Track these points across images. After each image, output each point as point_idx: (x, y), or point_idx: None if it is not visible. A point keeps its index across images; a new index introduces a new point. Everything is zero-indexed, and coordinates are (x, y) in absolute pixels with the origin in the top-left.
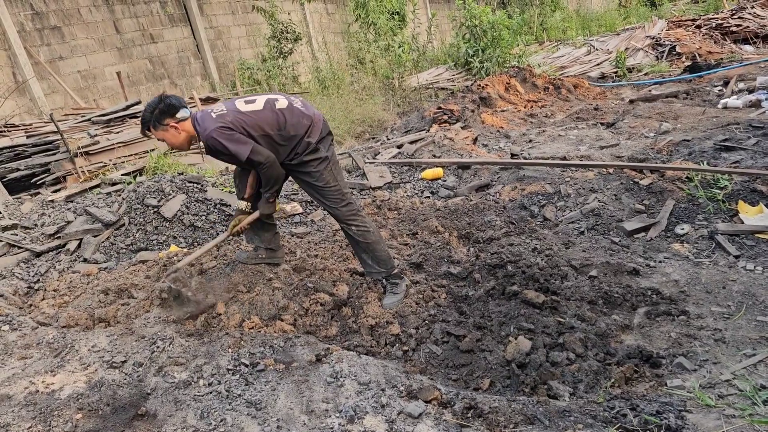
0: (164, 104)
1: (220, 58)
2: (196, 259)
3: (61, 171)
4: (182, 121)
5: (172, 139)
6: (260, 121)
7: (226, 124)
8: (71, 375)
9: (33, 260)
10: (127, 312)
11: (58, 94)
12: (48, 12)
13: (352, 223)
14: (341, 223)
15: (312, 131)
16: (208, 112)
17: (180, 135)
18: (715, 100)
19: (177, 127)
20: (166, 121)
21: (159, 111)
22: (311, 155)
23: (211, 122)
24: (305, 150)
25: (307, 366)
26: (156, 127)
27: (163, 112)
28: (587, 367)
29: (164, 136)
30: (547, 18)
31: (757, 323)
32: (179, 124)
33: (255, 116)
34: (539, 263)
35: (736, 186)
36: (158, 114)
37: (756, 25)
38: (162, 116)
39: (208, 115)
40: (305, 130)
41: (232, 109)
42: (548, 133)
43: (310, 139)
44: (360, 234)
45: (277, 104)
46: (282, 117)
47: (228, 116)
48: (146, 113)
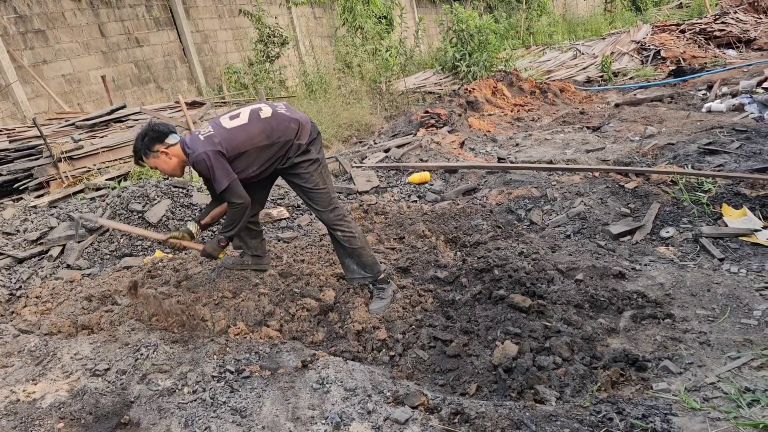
0: (153, 131)
1: (207, 62)
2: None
3: (44, 176)
4: (172, 146)
5: (163, 165)
6: (248, 134)
7: (215, 147)
8: (53, 383)
9: (15, 267)
10: (110, 319)
11: (42, 98)
12: (32, 15)
13: (338, 228)
14: (328, 227)
15: (301, 134)
16: (197, 135)
17: (171, 160)
18: (699, 104)
19: (167, 152)
20: (155, 147)
21: (149, 138)
22: (302, 156)
23: (199, 144)
24: (296, 152)
25: (293, 372)
26: (147, 155)
27: (152, 139)
28: (574, 371)
29: (156, 163)
30: (534, 22)
31: (741, 326)
32: (169, 150)
33: (242, 131)
34: (526, 267)
35: (720, 189)
36: (148, 141)
37: (739, 29)
38: (152, 143)
39: (196, 138)
40: (294, 134)
41: (218, 129)
42: (535, 137)
43: (300, 141)
44: (346, 239)
45: (262, 113)
46: (269, 125)
47: (215, 138)
48: (137, 142)
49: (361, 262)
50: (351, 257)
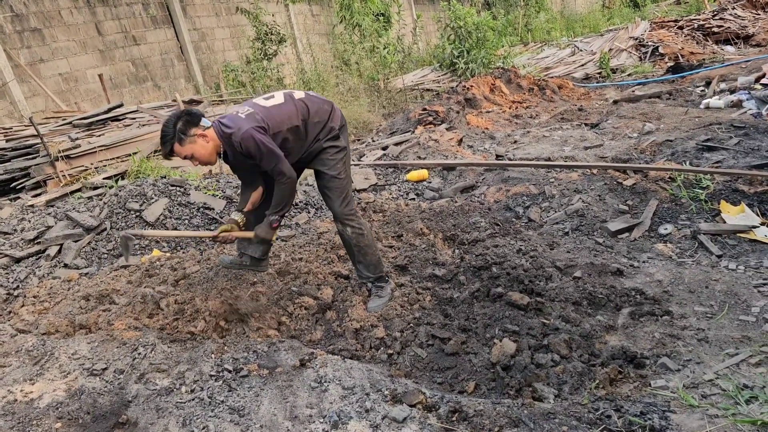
0: (187, 114)
1: (204, 60)
2: (165, 237)
3: (41, 175)
4: (207, 129)
5: (201, 150)
6: (286, 113)
7: (259, 123)
8: (51, 383)
9: (12, 266)
10: (108, 318)
11: (38, 97)
12: (28, 14)
13: (348, 223)
14: (338, 221)
15: (333, 117)
16: (235, 114)
17: (208, 144)
18: (697, 100)
19: (205, 135)
20: (192, 131)
21: (183, 123)
22: (332, 142)
23: (243, 122)
24: (327, 135)
25: (291, 371)
26: (183, 142)
27: (187, 122)
28: (572, 369)
29: (193, 149)
30: (532, 19)
31: (740, 322)
32: (206, 132)
33: (280, 110)
34: (524, 265)
35: (718, 186)
36: (183, 126)
37: (737, 26)
38: (187, 127)
39: (235, 117)
40: (328, 116)
41: (258, 108)
42: (533, 134)
43: (333, 125)
44: (354, 236)
45: (296, 95)
46: (304, 106)
47: (257, 115)
48: (168, 130)
49: (365, 261)
50: (356, 255)
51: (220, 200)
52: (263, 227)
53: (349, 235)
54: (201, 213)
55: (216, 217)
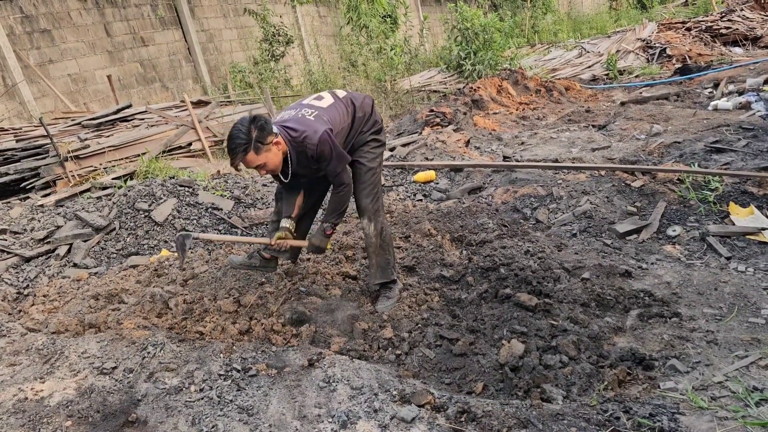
0: (262, 120)
1: (212, 62)
2: (220, 241)
3: (51, 175)
4: (278, 136)
5: (275, 159)
6: (340, 113)
7: (328, 125)
8: (61, 382)
9: (22, 265)
10: (117, 317)
11: (48, 97)
12: (38, 15)
13: (373, 219)
14: (365, 217)
15: (375, 111)
16: (300, 117)
17: (280, 152)
18: (705, 102)
19: (279, 142)
20: (269, 139)
21: (259, 129)
22: (375, 135)
23: (315, 124)
24: (371, 128)
25: (299, 371)
26: (259, 150)
27: (263, 128)
28: (580, 370)
29: (267, 158)
30: (539, 20)
31: (749, 324)
32: (279, 139)
33: (336, 110)
34: (532, 266)
35: (727, 188)
36: (259, 133)
37: (745, 27)
38: (264, 134)
39: (302, 119)
40: (371, 109)
41: (319, 109)
42: (540, 136)
43: (377, 118)
44: (375, 234)
45: (339, 94)
46: (351, 102)
47: (324, 117)
48: (240, 139)
49: (375, 261)
50: (371, 254)
51: (228, 200)
52: (318, 236)
53: (370, 232)
54: (209, 213)
55: (224, 217)
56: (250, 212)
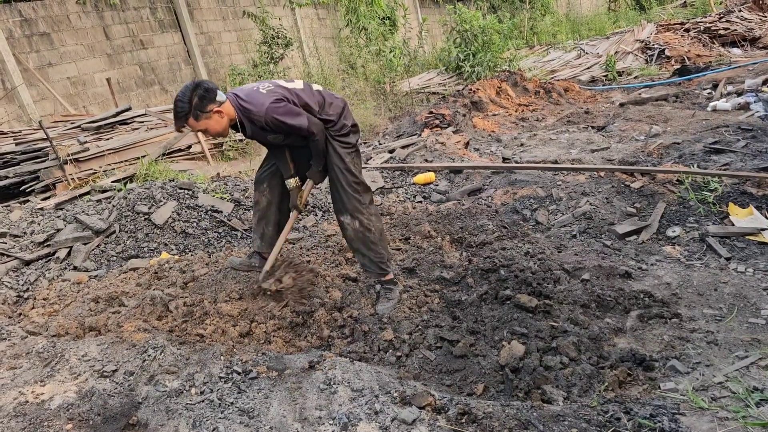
0: (203, 89)
1: (211, 64)
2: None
3: (50, 178)
4: (223, 104)
5: (216, 126)
6: (305, 99)
7: (280, 97)
8: (61, 385)
9: (22, 269)
10: (117, 320)
11: (47, 100)
12: (37, 18)
13: (356, 215)
14: (345, 214)
15: (346, 114)
16: (253, 89)
17: (223, 120)
18: (704, 103)
19: (221, 111)
20: (209, 107)
21: (199, 98)
22: (342, 138)
23: (264, 98)
24: (339, 132)
25: (300, 373)
26: (198, 117)
27: (203, 98)
28: (581, 371)
29: (207, 125)
30: (537, 22)
31: (749, 325)
32: (222, 108)
33: (301, 94)
34: (532, 267)
35: (727, 188)
36: (198, 102)
37: (744, 28)
38: (205, 103)
39: (255, 92)
40: (341, 111)
41: (278, 86)
42: (539, 137)
43: (346, 122)
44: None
45: (314, 86)
46: (321, 97)
47: (278, 91)
48: (182, 104)
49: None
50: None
51: (228, 203)
52: (316, 174)
53: (356, 227)
54: (209, 216)
55: (224, 219)
56: (250, 215)
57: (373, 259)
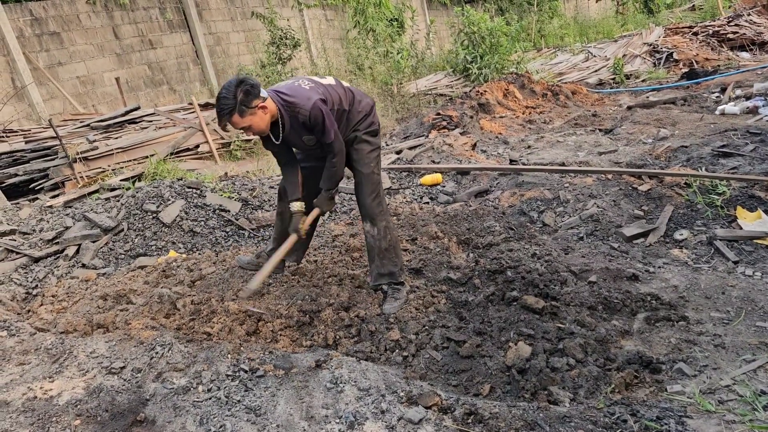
0: (248, 85)
1: (219, 64)
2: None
3: (59, 176)
4: (266, 100)
5: (260, 122)
6: (339, 95)
7: (322, 96)
8: (69, 381)
9: (31, 266)
10: (125, 318)
11: (56, 99)
12: (47, 18)
13: (376, 222)
14: (366, 220)
15: (374, 113)
16: (295, 85)
17: (266, 116)
18: (712, 106)
19: (265, 106)
20: (254, 103)
21: (244, 93)
22: (369, 136)
23: (309, 93)
24: (367, 128)
25: (306, 372)
26: (243, 113)
27: (248, 93)
28: (587, 373)
29: (252, 121)
30: (545, 25)
31: (757, 329)
32: (266, 103)
33: (334, 90)
34: (539, 269)
35: (735, 192)
36: (244, 97)
37: (752, 32)
38: (249, 98)
39: (297, 87)
40: (370, 109)
41: (318, 83)
42: (547, 139)
43: (374, 120)
44: (379, 237)
45: (344, 83)
46: (351, 94)
47: (320, 89)
48: (227, 101)
49: (378, 265)
50: (375, 259)
51: (235, 202)
52: (324, 200)
53: (375, 235)
54: (217, 215)
55: (231, 219)
56: (257, 214)
57: (385, 270)
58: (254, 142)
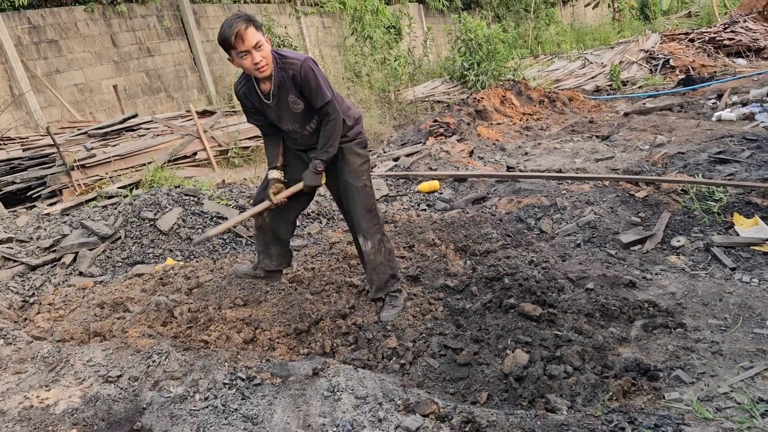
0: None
1: (217, 72)
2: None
3: (57, 184)
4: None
5: (267, 49)
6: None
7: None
8: (66, 390)
9: (28, 274)
10: (122, 326)
11: (54, 107)
12: (45, 26)
13: (369, 237)
14: (359, 234)
15: (362, 124)
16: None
17: (269, 51)
18: (709, 113)
19: (269, 40)
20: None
21: (252, 19)
22: (359, 148)
23: (302, 55)
24: (356, 137)
25: (303, 380)
26: (258, 28)
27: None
28: (585, 380)
29: (262, 40)
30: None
31: (754, 336)
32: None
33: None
34: (536, 276)
35: (731, 198)
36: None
37: (748, 38)
38: (257, 23)
39: (293, 51)
40: (358, 118)
41: None
42: (544, 146)
43: (362, 130)
44: (373, 251)
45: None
46: (341, 98)
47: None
48: (240, 15)
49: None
50: (369, 272)
51: (233, 209)
52: (310, 175)
53: (369, 250)
54: (214, 222)
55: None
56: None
57: (381, 282)
58: (251, 149)
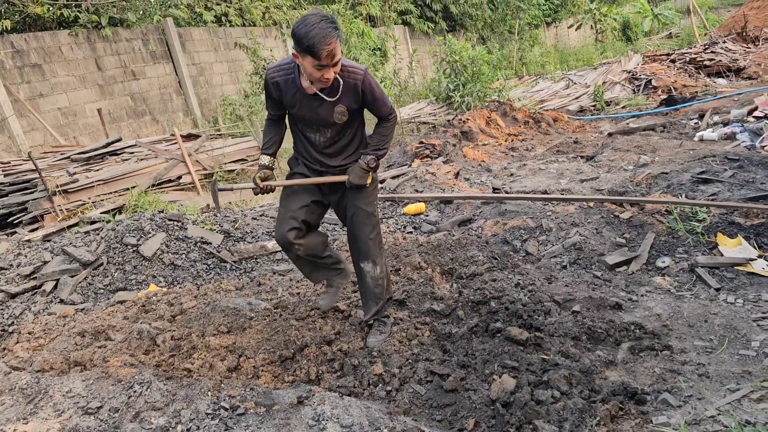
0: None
1: (203, 95)
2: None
3: (38, 210)
4: None
5: (340, 65)
6: None
7: None
8: (44, 422)
9: (8, 302)
10: (103, 355)
11: (37, 131)
12: (29, 50)
13: (378, 262)
14: (367, 260)
15: None
16: None
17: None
18: (691, 133)
19: None
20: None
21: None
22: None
23: (359, 64)
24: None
25: (288, 409)
26: (342, 41)
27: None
28: (572, 405)
29: (340, 57)
30: (526, 53)
31: (740, 357)
32: None
33: None
34: (522, 299)
35: (715, 219)
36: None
37: (728, 59)
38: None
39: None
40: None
41: None
42: (529, 167)
43: None
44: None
45: None
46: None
47: None
48: (334, 22)
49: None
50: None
51: (217, 234)
52: (357, 171)
53: (377, 275)
54: (198, 248)
55: (213, 251)
56: (239, 246)
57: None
58: (237, 172)
